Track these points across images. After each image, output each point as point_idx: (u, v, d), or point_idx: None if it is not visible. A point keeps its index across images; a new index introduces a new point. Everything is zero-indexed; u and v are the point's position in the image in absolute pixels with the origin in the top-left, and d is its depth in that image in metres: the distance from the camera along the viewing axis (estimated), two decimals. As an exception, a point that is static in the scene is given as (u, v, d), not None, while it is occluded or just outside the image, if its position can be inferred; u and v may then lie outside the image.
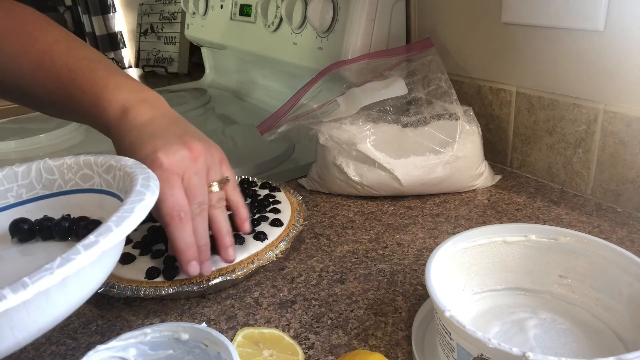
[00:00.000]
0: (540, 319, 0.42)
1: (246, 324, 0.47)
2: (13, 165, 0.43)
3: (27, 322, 0.27)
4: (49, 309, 0.28)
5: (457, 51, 0.79)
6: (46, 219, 0.43)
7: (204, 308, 0.50)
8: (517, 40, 0.69)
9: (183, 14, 1.54)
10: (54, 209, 0.44)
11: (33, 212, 0.43)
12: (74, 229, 0.41)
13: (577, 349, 0.39)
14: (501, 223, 0.61)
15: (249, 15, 1.09)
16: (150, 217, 0.58)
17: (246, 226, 0.50)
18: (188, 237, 0.44)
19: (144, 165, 0.39)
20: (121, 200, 0.39)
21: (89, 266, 0.28)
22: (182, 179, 0.44)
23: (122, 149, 0.47)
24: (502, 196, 0.68)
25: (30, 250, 0.42)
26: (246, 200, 0.62)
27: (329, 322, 0.46)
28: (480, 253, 0.45)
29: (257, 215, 0.58)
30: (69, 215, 0.43)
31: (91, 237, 0.28)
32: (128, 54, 2.65)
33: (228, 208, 0.50)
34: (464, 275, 0.45)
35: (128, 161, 0.40)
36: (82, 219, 0.42)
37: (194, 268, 0.45)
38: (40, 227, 0.42)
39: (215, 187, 0.47)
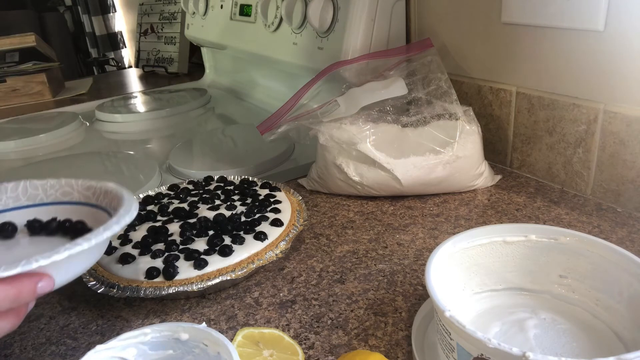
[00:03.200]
0: (540, 319, 0.42)
1: (246, 324, 0.47)
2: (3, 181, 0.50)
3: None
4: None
5: (457, 51, 0.79)
6: (36, 220, 0.47)
7: (204, 308, 0.50)
8: (517, 40, 0.69)
9: (183, 14, 1.54)
10: (38, 216, 0.48)
11: (19, 218, 0.48)
12: (65, 226, 0.46)
13: (577, 349, 0.39)
14: (501, 223, 0.61)
15: (249, 15, 1.09)
16: (150, 217, 0.58)
17: None
18: None
19: (122, 187, 0.46)
20: (99, 208, 0.47)
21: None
22: None
23: None
24: (502, 196, 0.68)
25: (17, 242, 0.47)
26: (246, 200, 0.62)
27: (329, 322, 0.46)
28: (480, 253, 0.45)
29: (257, 215, 0.58)
30: (55, 217, 0.47)
31: (100, 229, 0.37)
32: (128, 54, 2.66)
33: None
34: (464, 275, 0.45)
35: (108, 183, 0.46)
36: (67, 220, 0.47)
37: None
38: (30, 227, 0.46)
39: None
